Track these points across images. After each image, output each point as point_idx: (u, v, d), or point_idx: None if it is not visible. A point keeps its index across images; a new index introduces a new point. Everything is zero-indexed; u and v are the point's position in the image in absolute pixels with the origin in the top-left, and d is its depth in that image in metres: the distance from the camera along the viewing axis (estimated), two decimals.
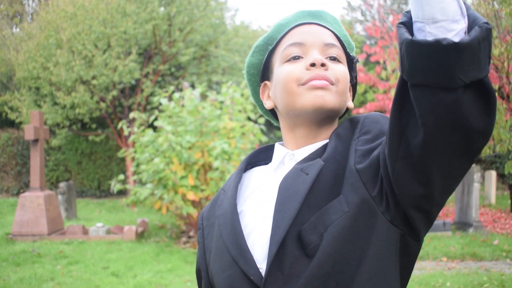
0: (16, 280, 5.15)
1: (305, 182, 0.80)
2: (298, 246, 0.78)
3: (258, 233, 0.84)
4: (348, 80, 0.90)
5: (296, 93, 0.85)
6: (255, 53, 0.97)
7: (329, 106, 0.84)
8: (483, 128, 0.67)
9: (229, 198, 0.90)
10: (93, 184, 14.22)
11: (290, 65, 0.87)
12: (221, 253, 0.86)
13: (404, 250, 0.80)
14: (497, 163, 13.26)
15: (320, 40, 0.89)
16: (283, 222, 0.78)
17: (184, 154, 6.56)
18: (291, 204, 0.79)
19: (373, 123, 0.85)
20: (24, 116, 12.33)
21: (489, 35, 0.64)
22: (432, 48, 0.63)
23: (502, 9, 4.43)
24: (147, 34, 12.20)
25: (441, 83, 0.64)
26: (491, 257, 6.01)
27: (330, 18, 0.96)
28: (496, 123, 4.38)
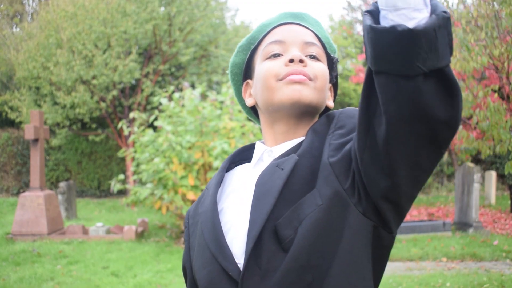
0: (16, 279, 5.15)
1: (280, 177, 0.81)
2: (274, 240, 0.79)
3: (237, 229, 0.85)
4: (327, 78, 0.91)
5: (274, 88, 0.86)
6: (238, 53, 0.99)
7: (306, 101, 0.85)
8: (446, 119, 0.67)
9: (210, 196, 0.91)
10: (93, 184, 14.22)
11: (270, 62, 0.89)
12: (202, 250, 0.87)
13: (377, 242, 0.81)
14: (497, 163, 13.26)
15: (300, 38, 0.91)
16: (259, 218, 0.79)
17: (184, 154, 6.56)
18: (267, 199, 0.80)
19: (348, 117, 0.86)
20: (24, 116, 12.34)
21: (447, 24, 0.64)
22: (388, 34, 0.64)
23: (502, 9, 4.43)
24: (147, 34, 12.20)
25: (400, 71, 0.64)
26: (491, 258, 6.01)
27: (312, 20, 0.98)
28: (496, 123, 4.37)
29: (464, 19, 4.93)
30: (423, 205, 11.65)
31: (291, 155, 0.85)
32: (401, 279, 5.02)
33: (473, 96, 5.12)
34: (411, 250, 6.38)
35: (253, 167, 0.93)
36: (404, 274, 5.30)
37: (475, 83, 5.24)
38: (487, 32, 4.59)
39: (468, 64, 4.74)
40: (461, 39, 4.80)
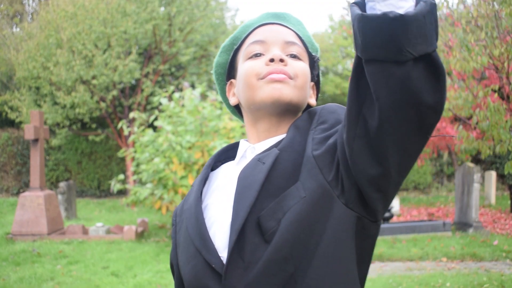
0: (16, 279, 5.15)
1: (261, 171, 0.83)
2: (257, 233, 0.80)
3: (219, 223, 0.86)
4: (308, 76, 0.93)
5: (255, 87, 0.88)
6: (222, 53, 1.01)
7: (286, 99, 0.87)
8: (433, 104, 0.69)
9: (194, 192, 0.93)
10: (93, 184, 14.22)
11: (251, 61, 0.91)
12: (187, 245, 0.88)
13: (362, 233, 0.82)
14: (497, 163, 13.26)
15: (281, 38, 0.92)
16: (242, 211, 0.80)
17: (184, 154, 6.56)
18: (249, 192, 0.81)
19: (329, 113, 0.88)
20: (24, 116, 12.34)
21: (434, 10, 0.66)
22: (380, 21, 0.65)
23: (502, 10, 4.43)
24: (147, 34, 12.20)
25: (391, 57, 0.66)
26: (491, 258, 6.01)
27: (294, 20, 1.00)
28: (496, 123, 4.37)
29: (464, 19, 4.93)
30: (423, 205, 11.65)
31: (272, 150, 0.86)
32: (401, 279, 5.02)
33: (473, 96, 5.12)
34: (411, 250, 6.38)
35: (236, 164, 0.95)
36: (404, 274, 5.30)
37: (475, 83, 5.24)
38: (487, 32, 4.59)
39: (468, 64, 4.74)
40: (461, 39, 4.80)
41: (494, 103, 4.52)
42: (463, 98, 5.27)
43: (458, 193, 8.02)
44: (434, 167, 14.51)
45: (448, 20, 5.56)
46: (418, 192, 14.41)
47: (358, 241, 0.82)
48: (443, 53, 5.51)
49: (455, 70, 5.37)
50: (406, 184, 14.30)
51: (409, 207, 11.34)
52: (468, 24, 4.99)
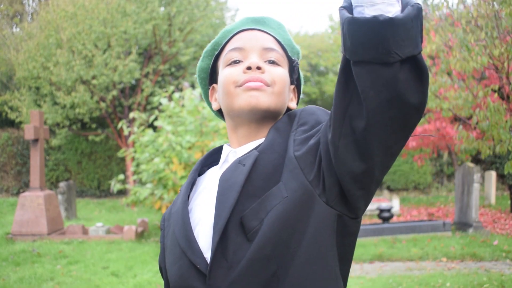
0: (16, 279, 5.15)
1: (242, 173, 0.85)
2: (240, 232, 0.82)
3: (203, 224, 0.88)
4: (286, 81, 0.94)
5: (233, 94, 0.90)
6: (204, 58, 1.03)
7: (263, 106, 0.89)
8: (417, 104, 0.71)
9: (181, 196, 0.95)
10: (93, 184, 14.22)
11: (230, 68, 0.93)
12: (173, 247, 0.91)
13: (343, 230, 0.84)
14: (497, 163, 13.26)
15: (259, 44, 0.94)
16: (224, 212, 0.82)
17: (184, 154, 6.56)
18: (230, 194, 0.83)
19: (309, 114, 0.90)
20: (24, 116, 12.34)
21: (419, 14, 0.69)
22: (370, 24, 0.67)
23: (502, 10, 4.43)
24: (147, 34, 12.20)
25: (379, 58, 0.68)
26: (491, 258, 6.01)
27: (274, 24, 1.00)
28: (496, 123, 4.37)
29: (464, 19, 4.93)
30: (423, 205, 11.66)
31: (251, 151, 0.88)
32: (401, 279, 5.02)
33: (473, 96, 5.12)
34: (411, 250, 6.38)
35: (219, 168, 0.97)
36: (404, 274, 5.30)
37: (475, 83, 5.24)
38: (487, 32, 4.59)
39: (468, 64, 4.73)
40: (461, 39, 4.80)
41: (494, 103, 4.52)
42: (463, 98, 5.26)
43: (458, 193, 8.02)
44: (434, 167, 14.51)
45: (448, 20, 5.56)
46: (418, 192, 14.41)
47: (339, 239, 0.84)
48: (443, 53, 5.51)
49: (455, 70, 5.37)
50: (406, 184, 14.30)
51: (409, 207, 11.34)
52: (468, 24, 4.99)
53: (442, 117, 7.98)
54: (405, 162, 13.99)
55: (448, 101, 5.58)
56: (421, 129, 8.61)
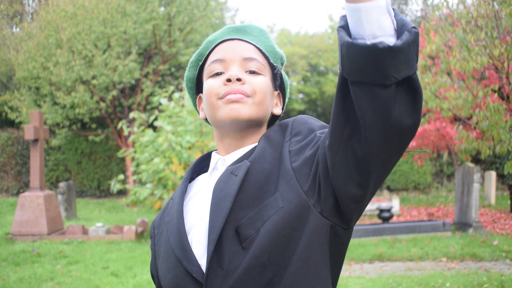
0: (16, 279, 5.15)
1: (234, 183, 0.87)
2: (235, 241, 0.84)
3: (196, 232, 0.90)
4: (268, 90, 0.96)
5: (216, 107, 0.93)
6: (190, 68, 1.05)
7: (244, 117, 0.91)
8: (412, 123, 0.74)
9: (176, 205, 0.96)
10: (93, 184, 14.22)
11: (212, 80, 0.95)
12: (167, 255, 0.92)
13: (334, 240, 0.86)
14: (496, 163, 13.26)
15: (239, 55, 0.95)
16: (218, 222, 0.84)
17: (184, 154, 6.56)
18: (224, 204, 0.85)
19: (301, 124, 0.93)
20: (24, 116, 12.33)
21: (416, 38, 0.71)
22: (370, 51, 0.69)
23: (502, 10, 4.43)
24: (147, 34, 12.20)
25: (377, 81, 0.70)
26: (490, 258, 6.01)
27: (255, 31, 1.02)
28: (496, 123, 4.37)
29: (464, 19, 4.93)
30: (423, 205, 11.66)
31: (243, 162, 0.90)
32: (401, 279, 5.02)
33: (473, 96, 5.12)
34: (411, 250, 6.38)
35: (209, 175, 0.99)
36: (404, 274, 5.30)
37: (475, 83, 5.24)
38: (487, 32, 4.59)
39: (468, 64, 4.73)
40: (461, 39, 4.80)
41: (494, 103, 4.52)
42: (463, 98, 5.26)
43: (458, 193, 8.02)
44: (434, 167, 14.51)
45: (448, 20, 5.56)
46: (418, 192, 14.41)
47: (330, 247, 0.86)
48: (443, 53, 5.51)
49: (455, 70, 5.37)
50: (406, 184, 14.30)
51: (409, 207, 11.34)
52: (468, 24, 4.99)
53: (442, 117, 7.98)
54: (405, 162, 14.00)
55: (448, 101, 5.58)
56: (421, 129, 8.61)
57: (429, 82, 5.70)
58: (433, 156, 12.83)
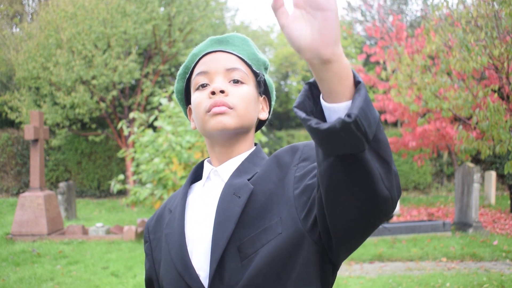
0: (16, 280, 5.15)
1: (238, 205, 0.91)
2: (236, 258, 0.89)
3: (196, 246, 0.94)
4: (251, 98, 1.00)
5: (203, 120, 0.97)
6: (178, 81, 1.09)
7: (230, 127, 0.96)
8: (385, 192, 0.72)
9: (177, 220, 0.99)
10: (93, 184, 14.22)
11: (199, 93, 0.99)
12: (169, 268, 0.97)
13: (327, 265, 0.90)
14: (496, 163, 13.26)
15: (222, 66, 0.99)
16: (221, 241, 0.89)
17: (184, 154, 6.56)
18: (227, 225, 0.90)
19: (312, 149, 0.95)
20: (24, 116, 12.33)
21: (346, 127, 0.64)
22: (308, 128, 0.69)
23: (502, 10, 4.43)
24: (147, 34, 12.20)
25: (347, 151, 0.68)
26: (490, 258, 6.01)
27: (237, 41, 1.05)
28: (496, 123, 4.37)
29: (464, 19, 4.94)
30: (423, 205, 11.66)
31: (245, 184, 0.93)
32: (401, 279, 5.02)
33: (473, 96, 5.12)
34: (411, 250, 6.38)
35: (203, 185, 1.03)
36: (404, 274, 5.30)
37: (475, 83, 5.24)
38: (487, 32, 4.59)
39: (468, 64, 4.74)
40: (461, 39, 4.80)
41: (494, 103, 4.52)
42: (463, 98, 5.26)
43: (458, 193, 8.02)
44: (434, 167, 14.51)
45: (448, 20, 5.56)
46: (418, 192, 14.41)
47: (323, 271, 0.90)
48: (443, 53, 5.52)
49: (455, 70, 5.37)
50: (406, 184, 14.30)
51: (409, 207, 11.34)
52: (468, 24, 4.99)
53: (442, 117, 7.98)
54: (405, 162, 14.00)
55: (448, 101, 5.58)
56: (421, 129, 8.61)
57: (429, 82, 5.70)
58: (433, 156, 12.82)
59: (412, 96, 6.45)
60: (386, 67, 7.92)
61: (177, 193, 1.09)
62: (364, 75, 10.15)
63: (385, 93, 9.98)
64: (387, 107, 9.51)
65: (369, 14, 17.61)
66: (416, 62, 6.05)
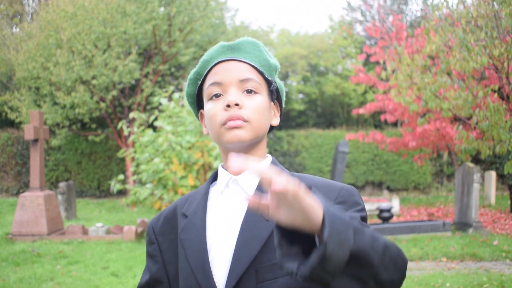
0: (16, 280, 5.14)
1: (265, 228, 0.94)
2: (253, 278, 0.91)
3: (214, 255, 0.97)
4: (265, 108, 1.02)
5: (219, 133, 1.00)
6: (189, 85, 1.10)
7: (246, 140, 0.99)
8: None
9: (197, 227, 1.00)
10: (93, 184, 14.22)
11: (213, 103, 1.01)
12: (186, 275, 0.98)
13: None
14: (496, 163, 13.26)
15: (236, 77, 1.00)
16: (243, 261, 0.92)
17: (184, 154, 6.56)
18: (252, 246, 0.92)
19: (349, 195, 0.98)
20: (24, 116, 12.33)
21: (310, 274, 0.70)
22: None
23: (502, 10, 4.43)
24: (147, 34, 12.20)
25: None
26: (490, 258, 6.01)
27: (249, 47, 1.06)
28: (495, 123, 4.37)
29: (464, 19, 4.94)
30: (423, 205, 11.66)
31: None
32: None
33: (473, 96, 5.12)
34: (411, 250, 6.38)
35: (221, 193, 1.04)
36: None
37: (475, 83, 5.24)
38: (487, 32, 4.59)
39: (468, 64, 4.74)
40: (461, 39, 4.80)
41: (494, 103, 4.52)
42: (463, 98, 5.26)
43: (458, 193, 8.02)
44: (434, 167, 14.51)
45: (448, 20, 5.56)
46: (418, 192, 14.41)
47: None
48: (443, 53, 5.51)
49: (455, 70, 5.37)
50: (406, 184, 14.30)
51: (409, 207, 11.34)
52: (468, 24, 4.99)
53: (442, 117, 7.98)
54: (405, 162, 14.00)
55: (448, 101, 5.58)
56: (421, 129, 8.61)
57: (429, 82, 5.70)
58: (433, 156, 12.82)
59: (412, 96, 6.45)
60: (386, 67, 7.92)
61: (188, 196, 1.09)
62: (364, 75, 10.16)
63: (385, 93, 9.98)
64: (387, 107, 9.51)
65: (369, 14, 17.61)
66: (416, 62, 6.05)
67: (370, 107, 10.09)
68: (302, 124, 17.62)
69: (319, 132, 14.99)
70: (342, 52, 18.37)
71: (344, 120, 17.66)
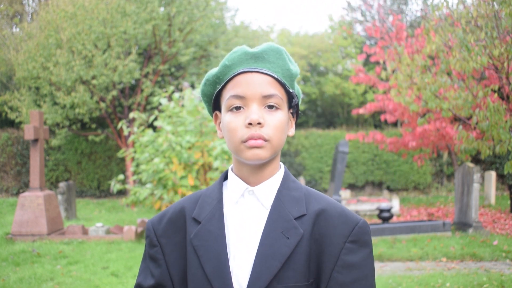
0: (16, 280, 5.14)
1: (287, 246, 0.96)
2: None
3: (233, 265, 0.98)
4: (284, 124, 1.02)
5: (239, 149, 0.99)
6: (206, 85, 1.08)
7: (265, 159, 0.99)
8: None
9: (215, 235, 1.00)
10: (92, 184, 14.22)
11: (233, 116, 1.00)
12: (199, 282, 0.98)
13: None
14: (496, 163, 13.26)
15: (259, 92, 0.99)
16: (263, 279, 0.94)
17: (184, 154, 6.56)
18: (273, 263, 0.94)
19: (363, 234, 1.00)
20: (24, 116, 12.33)
21: None
22: None
23: (502, 10, 4.43)
24: (147, 34, 12.19)
25: None
26: (490, 258, 6.01)
27: (272, 55, 1.03)
28: (495, 123, 4.37)
29: (464, 19, 4.94)
30: (423, 205, 11.66)
31: (294, 226, 0.98)
32: (401, 279, 5.02)
33: (473, 96, 5.12)
34: (411, 250, 6.38)
35: (235, 203, 1.04)
36: (404, 274, 5.30)
37: (475, 83, 5.24)
38: (487, 32, 4.59)
39: (468, 64, 4.74)
40: (461, 39, 4.80)
41: (494, 103, 4.52)
42: (463, 98, 5.26)
43: (458, 193, 8.02)
44: (434, 167, 14.51)
45: (448, 20, 5.56)
46: (418, 192, 14.41)
47: None
48: (443, 53, 5.51)
49: (455, 70, 5.37)
50: (406, 184, 14.30)
51: (409, 207, 11.34)
52: (468, 24, 4.99)
53: (442, 117, 7.98)
54: (405, 162, 13.99)
55: (448, 101, 5.58)
56: (421, 129, 8.61)
57: (429, 82, 5.70)
58: (433, 156, 12.82)
59: (412, 96, 6.45)
60: (386, 67, 7.91)
61: (197, 199, 1.08)
62: (364, 75, 10.16)
63: (385, 93, 9.98)
64: (387, 107, 9.51)
65: (369, 14, 17.60)
66: (416, 62, 6.05)
67: (370, 107, 10.10)
68: (302, 124, 17.63)
69: (319, 132, 14.99)
70: (342, 52, 18.36)
71: (344, 120, 17.67)
